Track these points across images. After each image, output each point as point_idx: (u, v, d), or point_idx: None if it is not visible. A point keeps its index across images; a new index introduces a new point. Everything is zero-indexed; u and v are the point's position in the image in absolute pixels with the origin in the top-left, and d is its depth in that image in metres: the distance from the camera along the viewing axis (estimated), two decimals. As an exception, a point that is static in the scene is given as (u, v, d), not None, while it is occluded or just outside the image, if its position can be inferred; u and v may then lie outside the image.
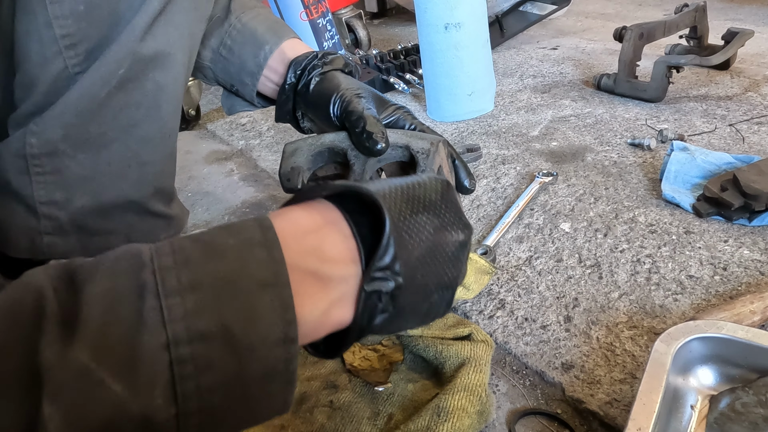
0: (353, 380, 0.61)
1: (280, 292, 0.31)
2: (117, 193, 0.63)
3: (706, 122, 1.08)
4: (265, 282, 0.31)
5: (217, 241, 0.32)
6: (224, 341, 0.29)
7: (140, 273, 0.30)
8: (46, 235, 0.62)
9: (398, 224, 0.36)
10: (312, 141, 0.64)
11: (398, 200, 0.37)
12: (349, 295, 0.36)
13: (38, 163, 0.59)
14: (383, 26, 2.18)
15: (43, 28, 0.53)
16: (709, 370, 0.54)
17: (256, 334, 0.30)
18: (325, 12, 1.12)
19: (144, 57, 0.57)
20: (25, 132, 0.57)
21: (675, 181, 0.87)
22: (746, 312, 0.60)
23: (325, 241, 0.35)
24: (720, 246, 0.75)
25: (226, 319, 0.30)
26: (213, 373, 0.29)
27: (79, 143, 0.59)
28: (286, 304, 0.31)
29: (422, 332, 0.64)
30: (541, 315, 0.68)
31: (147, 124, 0.62)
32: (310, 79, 0.66)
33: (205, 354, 0.29)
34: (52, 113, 0.57)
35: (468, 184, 0.66)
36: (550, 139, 1.11)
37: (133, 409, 0.28)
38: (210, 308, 0.30)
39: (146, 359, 0.28)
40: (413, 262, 0.36)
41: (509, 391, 0.60)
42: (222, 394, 0.30)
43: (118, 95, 0.58)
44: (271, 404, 0.33)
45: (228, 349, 0.29)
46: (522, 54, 1.61)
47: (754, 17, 1.68)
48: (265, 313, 0.31)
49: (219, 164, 1.24)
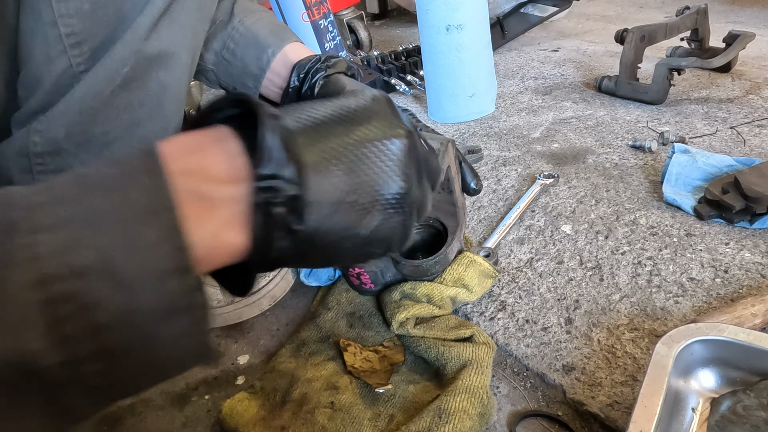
0: (354, 382, 0.61)
1: (166, 218, 0.29)
2: None
3: (707, 125, 1.08)
4: (149, 209, 0.29)
5: (98, 172, 0.30)
6: (107, 276, 0.27)
7: (9, 211, 0.28)
8: None
9: (292, 127, 0.33)
10: None
11: (299, 108, 0.34)
12: (239, 215, 0.32)
13: (41, 162, 0.59)
14: (384, 27, 2.18)
15: (48, 27, 0.53)
16: (710, 373, 0.54)
17: (142, 264, 0.28)
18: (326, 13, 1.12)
19: (148, 56, 0.57)
20: (28, 130, 0.58)
21: (676, 183, 0.87)
22: (747, 315, 0.60)
23: (208, 160, 0.32)
24: (721, 248, 0.75)
25: (107, 252, 0.27)
26: (100, 312, 0.27)
27: (82, 142, 0.59)
28: (174, 230, 0.29)
29: (424, 333, 0.64)
30: (542, 317, 0.68)
31: (150, 123, 0.62)
32: (315, 83, 0.66)
33: (86, 291, 0.27)
34: (56, 112, 0.57)
35: (474, 185, 0.66)
36: (552, 141, 1.11)
37: (3, 353, 0.25)
38: (87, 242, 0.27)
39: (13, 299, 0.26)
40: (318, 170, 0.32)
41: (510, 393, 0.60)
42: (118, 336, 0.27)
43: (122, 94, 0.58)
44: (183, 347, 0.30)
45: (113, 285, 0.27)
46: (523, 56, 1.61)
47: (755, 20, 1.68)
48: (151, 241, 0.28)
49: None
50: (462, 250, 0.71)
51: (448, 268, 0.68)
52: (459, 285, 0.68)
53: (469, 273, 0.68)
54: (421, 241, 0.71)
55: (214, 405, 0.62)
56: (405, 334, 0.65)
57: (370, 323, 0.69)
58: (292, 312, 0.76)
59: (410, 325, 0.64)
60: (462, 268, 0.68)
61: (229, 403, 0.59)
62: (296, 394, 0.60)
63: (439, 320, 0.66)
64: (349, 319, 0.71)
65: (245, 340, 0.72)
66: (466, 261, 0.69)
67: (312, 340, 0.68)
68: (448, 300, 0.67)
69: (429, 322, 0.66)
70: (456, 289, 0.67)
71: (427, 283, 0.67)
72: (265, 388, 0.62)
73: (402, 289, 0.67)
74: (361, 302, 0.72)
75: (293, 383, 0.61)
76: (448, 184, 0.64)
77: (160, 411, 0.63)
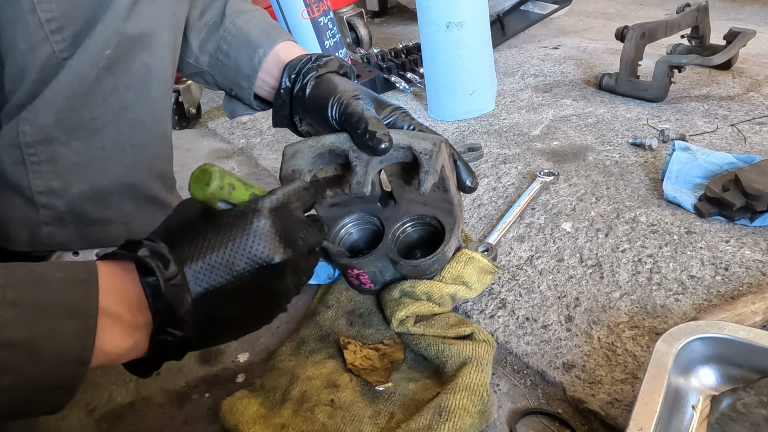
0: (354, 379, 0.61)
1: (85, 321, 0.37)
2: (113, 177, 0.63)
3: (708, 122, 1.08)
4: (76, 311, 0.37)
5: (46, 272, 0.38)
6: (28, 352, 0.35)
7: None
8: (45, 226, 0.62)
9: (194, 270, 0.42)
10: (312, 143, 0.64)
11: (196, 240, 0.43)
12: (141, 339, 0.42)
13: (33, 152, 0.59)
14: (384, 25, 2.17)
15: (28, 14, 0.53)
16: (710, 371, 0.54)
17: (56, 350, 0.36)
18: (326, 10, 1.12)
19: (130, 37, 0.58)
20: (17, 121, 0.58)
21: (676, 181, 0.87)
22: (748, 312, 0.60)
23: (128, 290, 0.41)
24: (721, 246, 0.75)
25: (34, 334, 0.35)
26: (8, 377, 0.34)
27: (71, 129, 0.59)
28: (87, 332, 0.37)
29: (424, 331, 0.64)
30: (542, 315, 0.68)
31: (138, 106, 0.62)
32: (306, 83, 0.66)
33: (8, 359, 0.34)
34: (43, 99, 0.57)
35: (470, 183, 0.66)
36: (552, 139, 1.10)
37: None
38: (24, 323, 0.35)
39: None
40: (204, 305, 0.43)
41: (510, 390, 0.60)
42: (10, 396, 0.35)
43: (107, 78, 0.58)
44: (47, 408, 0.38)
45: (29, 359, 0.35)
46: (523, 53, 1.61)
47: (756, 17, 1.68)
48: (69, 335, 0.36)
49: (220, 162, 1.23)
50: (460, 246, 0.71)
51: (446, 265, 0.68)
52: (458, 282, 0.67)
53: (468, 270, 0.68)
54: (419, 240, 0.71)
55: (214, 403, 0.62)
56: (405, 332, 0.65)
57: (370, 321, 0.69)
58: (292, 310, 0.75)
59: (410, 323, 0.64)
60: (461, 266, 0.68)
61: (228, 401, 0.59)
62: (296, 392, 0.59)
63: (439, 318, 0.66)
64: (349, 317, 0.70)
65: (245, 338, 0.72)
66: (465, 258, 0.68)
67: (312, 339, 0.68)
68: (448, 298, 0.67)
69: (429, 319, 0.66)
70: (455, 286, 0.67)
71: (426, 281, 0.66)
72: (265, 386, 0.62)
73: (401, 287, 0.67)
74: (361, 300, 0.72)
75: (293, 381, 0.61)
76: (443, 182, 0.64)
77: (160, 409, 0.63)
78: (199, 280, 0.42)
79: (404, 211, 0.70)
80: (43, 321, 0.36)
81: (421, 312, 0.65)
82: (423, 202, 0.68)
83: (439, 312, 0.66)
